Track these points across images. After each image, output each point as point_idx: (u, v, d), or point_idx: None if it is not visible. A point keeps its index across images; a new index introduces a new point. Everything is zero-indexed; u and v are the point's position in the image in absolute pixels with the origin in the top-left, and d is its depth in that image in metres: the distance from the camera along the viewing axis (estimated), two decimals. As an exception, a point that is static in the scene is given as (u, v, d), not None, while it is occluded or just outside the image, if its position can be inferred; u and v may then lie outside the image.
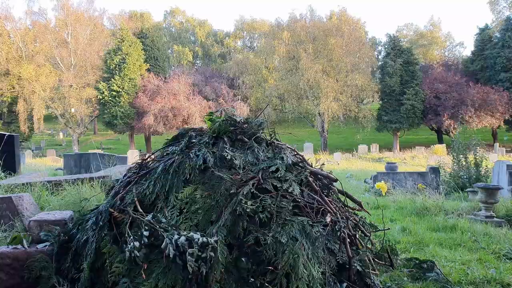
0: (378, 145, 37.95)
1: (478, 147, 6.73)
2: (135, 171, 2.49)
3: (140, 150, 44.97)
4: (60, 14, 42.11)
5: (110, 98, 38.67)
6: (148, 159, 2.56)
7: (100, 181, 3.01)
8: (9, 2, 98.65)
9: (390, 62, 39.89)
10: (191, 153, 2.20)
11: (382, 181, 5.64)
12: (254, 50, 62.12)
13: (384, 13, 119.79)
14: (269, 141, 2.51)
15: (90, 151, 9.25)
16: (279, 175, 2.15)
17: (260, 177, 2.11)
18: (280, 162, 2.21)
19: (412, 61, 40.91)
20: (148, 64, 42.98)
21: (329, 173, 2.53)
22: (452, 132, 39.63)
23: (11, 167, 5.09)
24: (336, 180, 2.51)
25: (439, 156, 27.91)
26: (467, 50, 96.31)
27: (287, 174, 2.18)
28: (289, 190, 2.11)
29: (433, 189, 6.35)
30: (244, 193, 2.00)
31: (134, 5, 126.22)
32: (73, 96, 39.27)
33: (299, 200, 2.09)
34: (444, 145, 34.73)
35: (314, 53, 41.98)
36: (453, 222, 3.69)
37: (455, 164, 6.79)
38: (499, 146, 34.97)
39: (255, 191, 2.05)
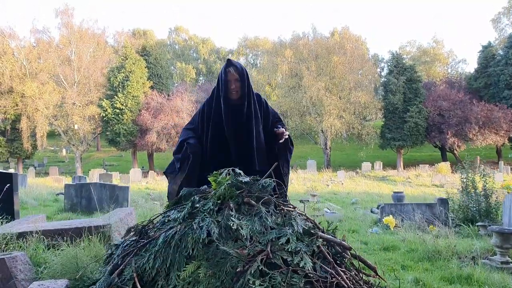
0: (381, 163, 37.78)
1: (487, 177, 6.53)
2: (134, 238, 2.35)
3: (142, 167, 44.92)
4: (64, 32, 42.32)
5: (113, 116, 38.68)
6: (150, 225, 2.42)
7: (99, 233, 2.88)
8: (14, 21, 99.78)
9: (393, 79, 39.87)
10: (194, 223, 2.05)
11: (390, 216, 5.48)
12: (257, 67, 62.32)
13: (386, 30, 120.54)
14: (277, 203, 2.38)
15: (90, 182, 9.11)
16: (289, 248, 2.01)
17: (269, 251, 1.97)
18: (290, 231, 2.07)
19: (415, 78, 40.89)
20: (152, 82, 43.06)
21: (343, 240, 2.39)
22: (456, 150, 39.48)
23: (9, 210, 4.96)
24: (350, 249, 2.37)
25: (443, 175, 27.73)
26: (470, 67, 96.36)
27: (298, 244, 2.04)
28: (301, 265, 1.97)
29: (442, 221, 6.19)
30: (252, 272, 1.85)
31: (137, 23, 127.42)
32: (76, 113, 39.28)
33: (311, 275, 1.95)
34: (448, 163, 34.50)
35: (317, 71, 42.01)
36: (468, 271, 3.53)
37: (464, 195, 6.60)
38: (504, 164, 34.67)
39: (263, 268, 1.90)
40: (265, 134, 3.62)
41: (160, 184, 23.02)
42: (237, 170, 2.44)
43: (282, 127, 3.64)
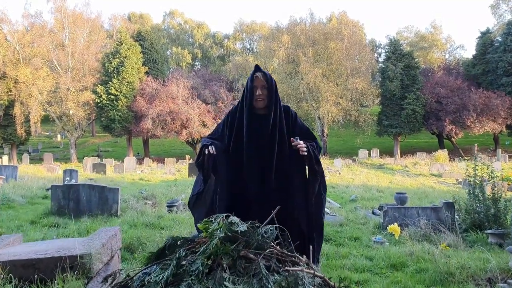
0: (378, 150, 37.55)
1: (495, 180, 6.24)
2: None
3: (138, 154, 44.62)
4: (57, 16, 41.57)
5: (108, 102, 38.19)
6: (128, 282, 2.10)
7: (78, 268, 2.57)
8: (5, 5, 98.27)
9: (390, 66, 39.46)
10: (179, 292, 1.72)
11: (395, 224, 5.20)
12: (253, 53, 61.66)
13: (383, 15, 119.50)
14: (281, 257, 2.05)
15: (79, 182, 8.78)
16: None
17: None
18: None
19: (413, 65, 40.49)
20: (147, 67, 42.49)
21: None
22: (453, 137, 39.27)
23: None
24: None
25: (441, 163, 27.51)
26: (468, 53, 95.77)
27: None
28: None
29: (448, 226, 5.91)
30: None
31: (132, 7, 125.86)
32: (70, 99, 38.74)
33: None
34: (446, 151, 34.32)
35: (314, 57, 41.49)
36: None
37: (471, 199, 6.31)
38: (502, 152, 34.49)
39: None
40: (291, 152, 3.25)
41: (154, 173, 22.71)
42: (233, 219, 2.08)
43: (308, 144, 3.27)
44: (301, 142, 3.17)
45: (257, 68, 3.29)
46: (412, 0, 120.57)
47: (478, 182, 6.24)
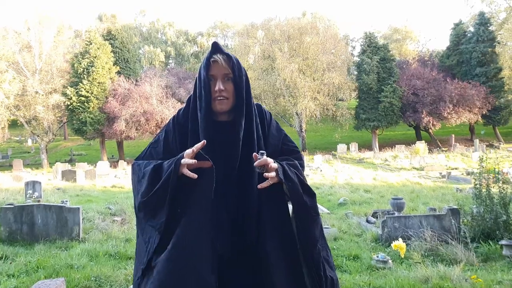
0: (357, 144, 37.29)
1: (505, 183, 5.63)
2: None
3: (112, 156, 43.34)
4: (22, 16, 40.05)
5: (78, 104, 36.80)
6: None
7: None
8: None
9: (366, 59, 39.13)
10: None
11: (400, 240, 4.53)
12: (228, 49, 60.65)
13: (354, 9, 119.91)
14: None
15: (34, 203, 7.87)
16: None
17: None
18: None
19: (388, 57, 40.29)
20: (118, 67, 41.15)
21: None
22: (431, 129, 39.23)
23: None
24: None
25: (421, 156, 27.23)
26: (442, 45, 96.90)
27: None
28: None
29: (454, 236, 5.28)
30: None
31: (102, 8, 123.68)
32: (39, 102, 37.26)
33: None
34: (425, 143, 34.20)
35: (290, 52, 40.95)
36: None
37: (478, 204, 5.68)
38: (479, 143, 34.49)
39: None
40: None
41: (128, 178, 21.74)
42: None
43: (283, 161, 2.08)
44: (269, 160, 1.93)
45: (215, 47, 2.03)
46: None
47: (484, 185, 5.62)
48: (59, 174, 20.18)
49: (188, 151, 1.90)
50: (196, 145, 1.89)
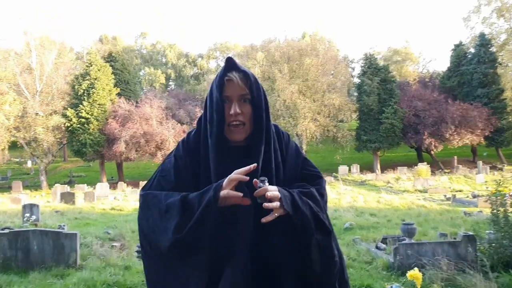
0: (358, 166, 37.02)
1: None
2: None
3: (112, 177, 43.04)
4: (24, 39, 40.19)
5: (78, 125, 36.71)
6: None
7: None
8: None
9: (367, 80, 39.14)
10: None
11: (416, 269, 4.27)
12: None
13: (353, 31, 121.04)
14: None
15: (29, 228, 7.59)
16: None
17: None
18: None
19: (389, 79, 40.31)
20: (119, 88, 41.18)
21: None
22: (433, 150, 38.98)
23: None
24: None
25: (424, 178, 26.94)
26: (442, 66, 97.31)
27: None
28: None
29: (470, 264, 5.01)
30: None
31: (104, 30, 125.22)
32: (39, 124, 37.11)
33: None
34: (427, 165, 33.90)
35: (290, 73, 41.00)
36: None
37: (495, 229, 5.43)
38: (483, 164, 34.19)
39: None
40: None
41: (128, 200, 21.44)
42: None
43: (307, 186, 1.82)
44: (270, 188, 1.61)
45: (230, 64, 1.76)
46: (384, 15, 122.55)
47: (501, 210, 5.37)
48: (58, 196, 19.89)
49: (233, 176, 1.59)
50: (241, 169, 1.59)
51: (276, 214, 1.60)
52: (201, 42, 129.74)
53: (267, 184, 1.60)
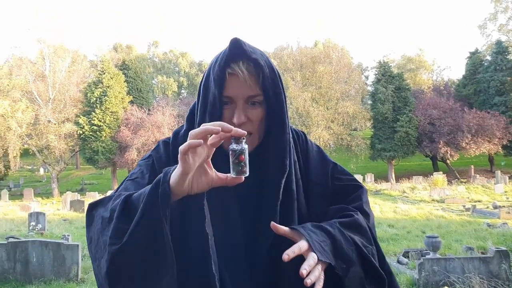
0: (373, 175, 36.38)
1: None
2: None
3: (123, 186, 42.88)
4: (37, 47, 40.44)
5: (90, 133, 36.74)
6: None
7: None
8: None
9: (381, 88, 38.58)
10: None
11: (448, 289, 3.84)
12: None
13: (366, 39, 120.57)
14: None
15: (29, 239, 7.24)
16: None
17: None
18: None
19: (403, 86, 39.69)
20: (131, 96, 41.24)
21: None
22: (449, 159, 38.20)
23: None
24: None
25: (441, 188, 26.27)
26: (457, 74, 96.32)
27: None
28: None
29: (505, 282, 4.55)
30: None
31: (119, 38, 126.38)
32: (51, 131, 37.17)
33: None
34: (444, 174, 33.15)
35: (302, 81, 40.69)
36: None
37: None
38: (501, 174, 33.34)
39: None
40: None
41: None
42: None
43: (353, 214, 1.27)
44: (302, 245, 1.07)
45: (236, 48, 1.17)
46: (397, 23, 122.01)
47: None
48: (67, 204, 19.67)
49: (196, 131, 0.95)
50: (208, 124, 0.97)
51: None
52: (213, 51, 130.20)
53: (245, 145, 1.00)
